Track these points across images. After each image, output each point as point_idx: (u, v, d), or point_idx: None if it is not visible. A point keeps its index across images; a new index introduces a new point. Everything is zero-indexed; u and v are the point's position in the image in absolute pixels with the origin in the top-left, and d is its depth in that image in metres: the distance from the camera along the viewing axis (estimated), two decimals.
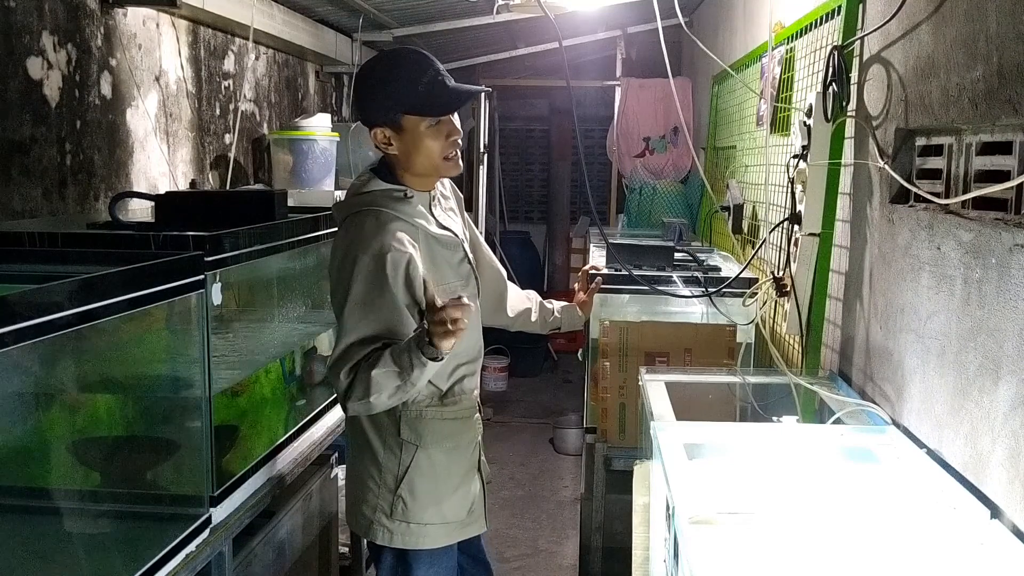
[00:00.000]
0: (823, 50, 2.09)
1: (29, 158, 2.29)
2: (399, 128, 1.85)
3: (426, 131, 1.85)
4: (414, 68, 1.83)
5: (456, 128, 1.89)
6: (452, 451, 1.94)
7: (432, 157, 1.87)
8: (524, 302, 2.33)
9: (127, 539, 1.75)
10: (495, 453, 4.99)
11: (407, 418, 1.89)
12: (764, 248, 2.40)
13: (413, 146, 1.86)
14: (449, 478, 1.94)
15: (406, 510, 1.90)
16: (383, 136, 1.87)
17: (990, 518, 1.32)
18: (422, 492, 1.90)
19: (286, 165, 3.60)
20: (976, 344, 1.40)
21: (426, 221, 1.89)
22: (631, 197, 4.97)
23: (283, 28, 3.69)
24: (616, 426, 2.62)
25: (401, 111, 1.84)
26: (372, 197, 1.87)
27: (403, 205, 1.86)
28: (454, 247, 1.95)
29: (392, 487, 1.90)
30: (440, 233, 1.92)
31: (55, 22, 2.37)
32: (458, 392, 1.95)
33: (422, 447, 1.90)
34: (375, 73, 1.88)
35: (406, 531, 1.91)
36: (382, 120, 1.86)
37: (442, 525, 1.93)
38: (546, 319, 2.35)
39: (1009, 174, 1.38)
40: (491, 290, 2.24)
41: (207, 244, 1.78)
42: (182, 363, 1.87)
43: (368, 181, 1.92)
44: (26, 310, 1.28)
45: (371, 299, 1.77)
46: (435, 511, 1.92)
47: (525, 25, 4.88)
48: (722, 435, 1.74)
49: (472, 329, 1.96)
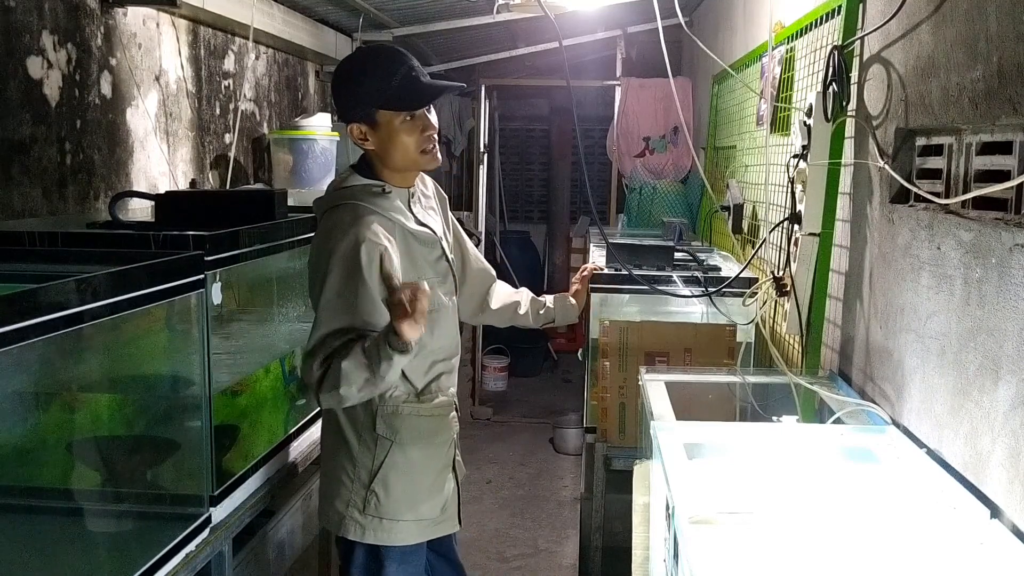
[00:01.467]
0: (823, 50, 2.09)
1: (29, 158, 2.29)
2: (374, 124, 1.88)
3: (400, 126, 1.87)
4: (387, 64, 1.85)
5: (431, 123, 1.90)
6: (427, 448, 1.94)
7: (408, 152, 1.89)
8: (512, 296, 2.34)
9: (127, 538, 1.75)
10: (495, 453, 5.00)
11: (383, 413, 1.90)
12: (764, 248, 2.40)
13: (389, 141, 1.88)
14: (424, 475, 1.94)
15: (379, 506, 1.90)
16: (359, 132, 1.89)
17: (990, 518, 1.32)
18: (396, 488, 1.90)
19: (286, 165, 3.60)
20: (976, 344, 1.40)
21: (404, 216, 1.91)
22: (631, 197, 4.97)
23: (283, 28, 3.69)
24: (616, 426, 2.62)
25: (375, 106, 1.86)
26: (350, 192, 1.89)
27: (380, 200, 1.88)
28: (432, 244, 1.96)
29: (366, 482, 1.90)
30: (418, 229, 1.92)
31: (55, 21, 2.37)
32: (435, 389, 1.96)
33: (397, 443, 1.90)
34: (350, 70, 1.90)
35: (378, 527, 1.91)
36: (358, 116, 1.88)
37: (415, 522, 1.93)
38: (537, 312, 2.35)
39: (1009, 174, 1.38)
40: (477, 287, 2.26)
41: (207, 244, 1.79)
42: (182, 363, 1.87)
43: (347, 177, 1.94)
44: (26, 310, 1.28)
45: (346, 290, 1.78)
46: (409, 508, 1.92)
47: (525, 25, 4.87)
48: (722, 435, 1.74)
49: (448, 327, 1.98)
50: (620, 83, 5.38)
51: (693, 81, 5.08)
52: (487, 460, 4.87)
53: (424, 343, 1.89)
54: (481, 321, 2.33)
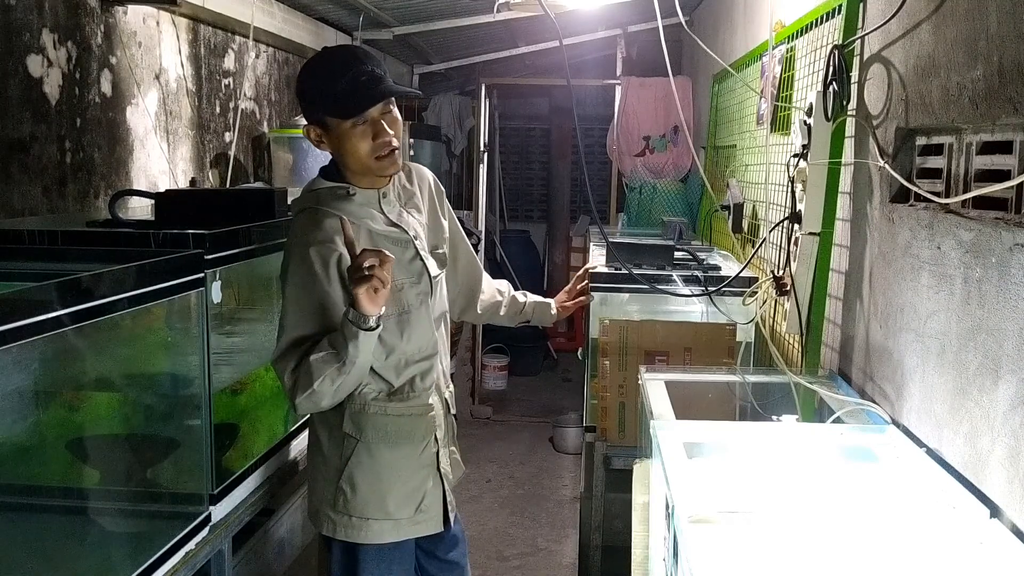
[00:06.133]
0: (823, 49, 2.09)
1: (29, 156, 2.29)
2: (326, 128, 1.84)
3: (350, 131, 1.81)
4: (337, 68, 1.80)
5: (384, 129, 1.81)
6: (398, 448, 1.92)
7: (360, 158, 1.83)
8: (495, 296, 2.34)
9: (127, 537, 1.75)
10: (494, 452, 5.00)
11: (351, 411, 1.90)
12: (764, 247, 2.40)
13: (341, 147, 1.84)
14: (392, 473, 1.92)
15: (347, 503, 1.90)
16: (315, 134, 1.86)
17: (989, 517, 1.32)
18: (362, 486, 1.89)
19: (286, 163, 3.60)
20: (976, 343, 1.40)
21: (371, 219, 1.88)
22: (631, 196, 4.97)
23: (283, 26, 3.69)
24: (616, 425, 2.62)
25: (323, 112, 1.82)
26: (314, 196, 1.88)
27: (343, 203, 1.85)
28: (404, 244, 1.92)
29: (334, 479, 1.91)
30: (386, 230, 1.89)
31: (55, 20, 2.37)
32: (408, 390, 1.94)
33: (362, 441, 1.89)
34: (304, 73, 1.87)
35: (348, 524, 1.90)
36: (312, 119, 1.86)
37: (386, 521, 1.92)
38: (516, 313, 2.36)
39: (1009, 173, 1.38)
40: (465, 285, 2.25)
41: (207, 242, 1.79)
42: (182, 361, 1.87)
43: (315, 180, 1.93)
44: (26, 308, 1.28)
45: (302, 294, 1.78)
46: (377, 506, 1.90)
47: (525, 24, 4.87)
48: (722, 434, 1.74)
49: (423, 328, 1.95)
50: (620, 82, 5.38)
51: (693, 80, 5.08)
52: (487, 459, 4.87)
53: (394, 346, 1.89)
54: (464, 320, 2.33)
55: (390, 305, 1.83)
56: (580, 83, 5.99)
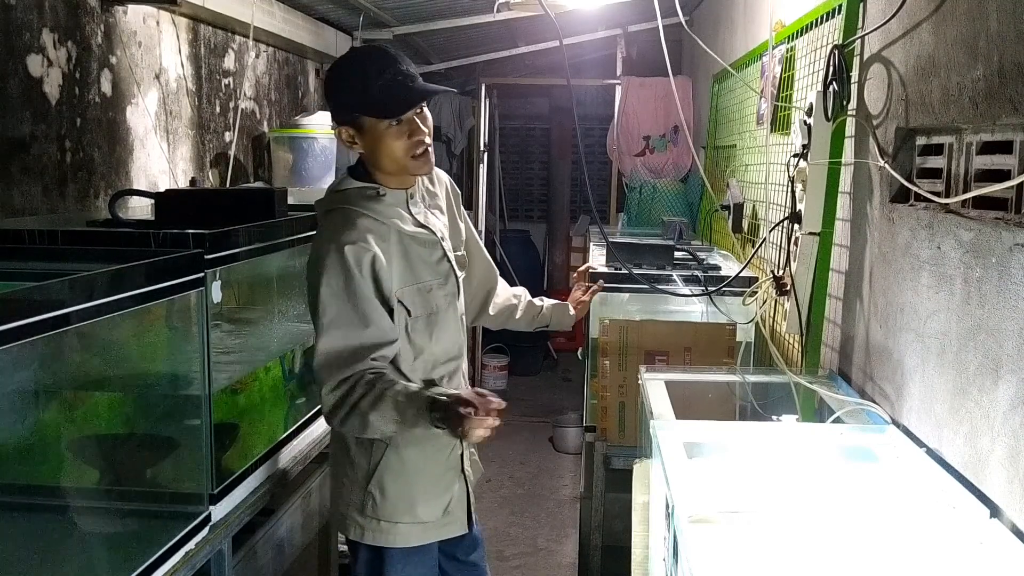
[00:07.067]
0: (823, 49, 2.09)
1: (29, 156, 2.29)
2: (360, 128, 1.83)
3: (387, 131, 1.81)
4: (371, 68, 1.79)
5: (419, 128, 1.82)
6: (425, 451, 1.92)
7: (396, 157, 1.83)
8: (510, 300, 2.32)
9: (126, 537, 1.75)
10: (494, 451, 5.00)
11: None
12: (764, 247, 2.40)
13: (375, 146, 1.83)
14: (421, 477, 1.92)
15: (376, 507, 1.90)
16: (347, 135, 1.86)
17: (989, 517, 1.32)
18: (392, 490, 1.90)
19: (286, 163, 3.60)
20: (976, 343, 1.40)
21: (400, 219, 1.87)
22: (631, 196, 4.97)
23: (283, 26, 3.69)
24: (616, 425, 2.62)
25: (359, 112, 1.81)
26: (343, 196, 1.88)
27: (374, 203, 1.85)
28: (432, 245, 1.92)
29: (363, 484, 1.90)
30: (415, 231, 1.89)
31: (55, 19, 2.37)
32: None
33: (392, 445, 1.89)
34: (336, 73, 1.86)
35: (377, 528, 1.91)
36: (345, 119, 1.85)
37: (415, 524, 1.92)
38: (533, 317, 2.34)
39: (1009, 173, 1.38)
40: (480, 288, 2.23)
41: (207, 242, 1.78)
42: (182, 361, 1.87)
43: (343, 180, 1.92)
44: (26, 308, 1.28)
45: (341, 294, 1.77)
46: (407, 510, 1.91)
47: (525, 24, 4.87)
48: (722, 434, 1.74)
49: (450, 330, 1.95)
50: (620, 82, 5.38)
51: (693, 80, 5.08)
52: (486, 458, 4.83)
53: (423, 347, 1.89)
54: (477, 323, 2.32)
55: (420, 307, 1.85)
56: (580, 83, 5.99)
